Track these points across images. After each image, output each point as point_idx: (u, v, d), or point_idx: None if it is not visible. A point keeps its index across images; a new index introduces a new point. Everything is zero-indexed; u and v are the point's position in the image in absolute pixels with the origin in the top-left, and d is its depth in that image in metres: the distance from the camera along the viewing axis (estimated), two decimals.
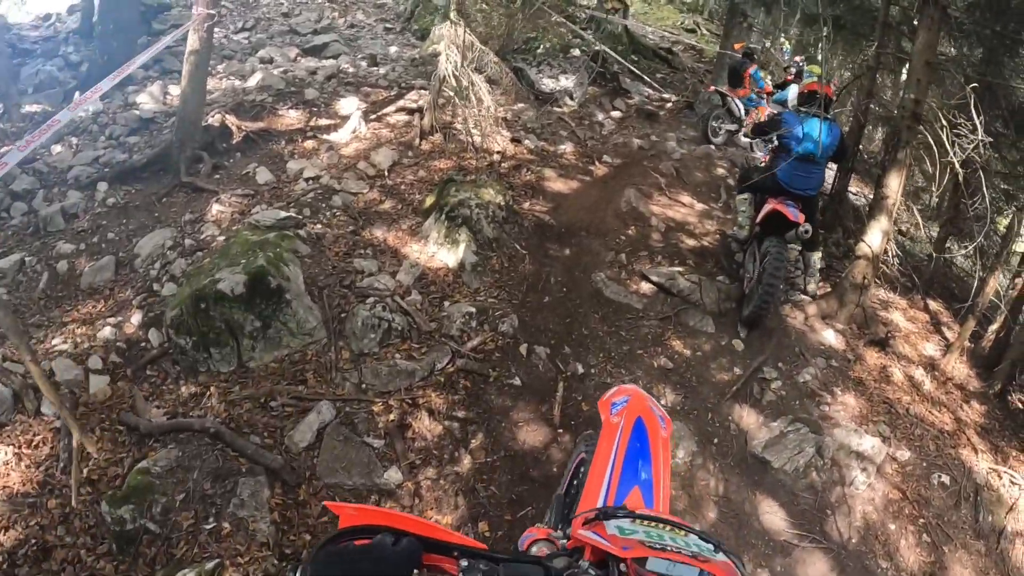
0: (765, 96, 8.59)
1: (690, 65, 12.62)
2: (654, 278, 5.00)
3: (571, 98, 9.15)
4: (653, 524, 1.11)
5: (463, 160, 6.62)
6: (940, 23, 4.33)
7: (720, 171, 7.82)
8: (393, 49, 10.56)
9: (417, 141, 6.86)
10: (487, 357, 4.18)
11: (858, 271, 5.03)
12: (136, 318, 4.32)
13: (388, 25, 12.27)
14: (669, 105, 10.07)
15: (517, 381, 4.05)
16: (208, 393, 3.81)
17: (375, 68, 9.40)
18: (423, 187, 6.07)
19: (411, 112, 7.45)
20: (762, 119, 8.18)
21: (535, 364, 4.22)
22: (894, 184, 4.66)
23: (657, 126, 9.00)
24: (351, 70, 9.21)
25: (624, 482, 1.51)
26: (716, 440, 4.04)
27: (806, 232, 4.75)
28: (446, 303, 4.57)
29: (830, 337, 4.95)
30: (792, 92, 7.61)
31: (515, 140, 7.25)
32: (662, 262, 5.34)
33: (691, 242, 5.87)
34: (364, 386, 3.97)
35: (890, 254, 4.95)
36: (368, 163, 6.45)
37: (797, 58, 12.80)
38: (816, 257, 5.24)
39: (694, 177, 7.38)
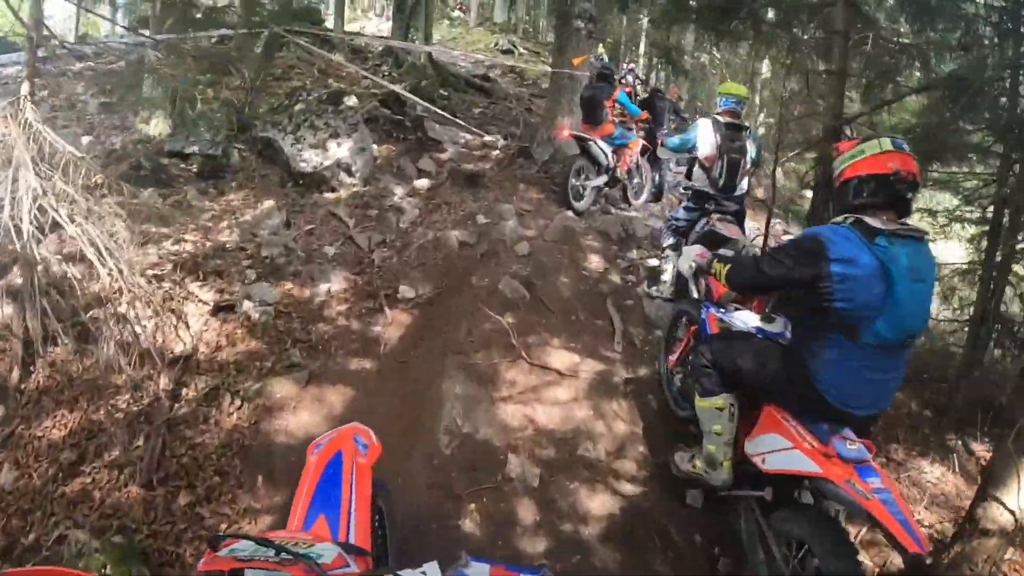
0: (635, 124, 5.48)
1: (513, 91, 9.46)
2: None
3: (349, 173, 5.46)
4: (272, 542, 1.04)
5: (103, 399, 2.74)
6: None
7: (594, 261, 4.58)
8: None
9: (15, 374, 2.84)
10: None
11: (981, 553, 1.97)
12: None
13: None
14: (496, 153, 6.72)
15: None
16: None
17: None
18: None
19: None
20: (648, 176, 4.93)
21: None
22: None
23: (484, 194, 5.57)
24: None
25: (310, 514, 1.36)
26: None
27: None
28: None
29: None
30: (702, 131, 3.51)
31: (224, 307, 3.40)
32: None
33: (601, 504, 2.50)
34: None
35: None
36: None
37: (629, 65, 10.17)
38: None
39: (558, 291, 4.05)
